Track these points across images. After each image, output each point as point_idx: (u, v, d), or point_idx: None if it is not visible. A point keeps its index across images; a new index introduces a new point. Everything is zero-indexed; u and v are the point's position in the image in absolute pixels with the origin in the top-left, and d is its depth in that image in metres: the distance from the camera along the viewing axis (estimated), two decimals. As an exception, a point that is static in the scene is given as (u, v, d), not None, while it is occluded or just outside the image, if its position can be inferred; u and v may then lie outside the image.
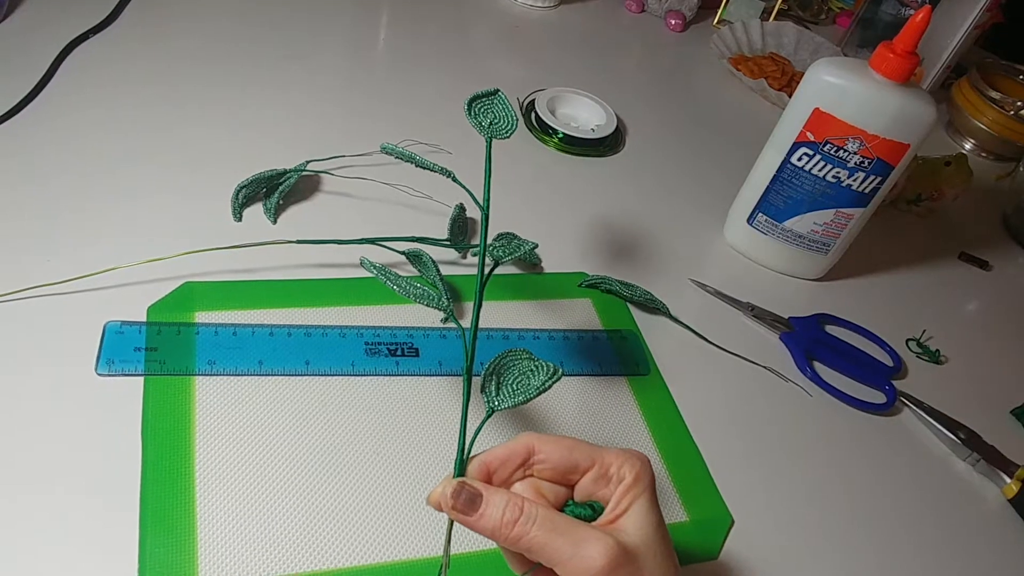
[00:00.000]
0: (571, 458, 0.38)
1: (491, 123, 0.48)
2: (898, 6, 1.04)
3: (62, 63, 0.70)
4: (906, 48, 0.59)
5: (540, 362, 0.42)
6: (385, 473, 0.49)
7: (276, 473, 0.47)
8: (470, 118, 0.47)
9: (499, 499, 0.37)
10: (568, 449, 0.38)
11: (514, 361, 0.42)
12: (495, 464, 0.39)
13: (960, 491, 0.60)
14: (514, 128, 0.48)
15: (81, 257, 0.55)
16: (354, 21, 0.89)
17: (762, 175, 0.69)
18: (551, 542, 0.35)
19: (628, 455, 0.38)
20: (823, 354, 0.66)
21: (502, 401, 0.41)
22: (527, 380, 0.41)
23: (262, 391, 0.51)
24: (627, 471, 0.38)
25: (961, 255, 0.83)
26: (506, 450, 0.39)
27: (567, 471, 0.38)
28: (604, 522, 0.37)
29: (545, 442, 0.39)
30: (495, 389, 0.41)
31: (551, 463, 0.38)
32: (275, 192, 0.63)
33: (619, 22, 1.04)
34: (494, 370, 0.41)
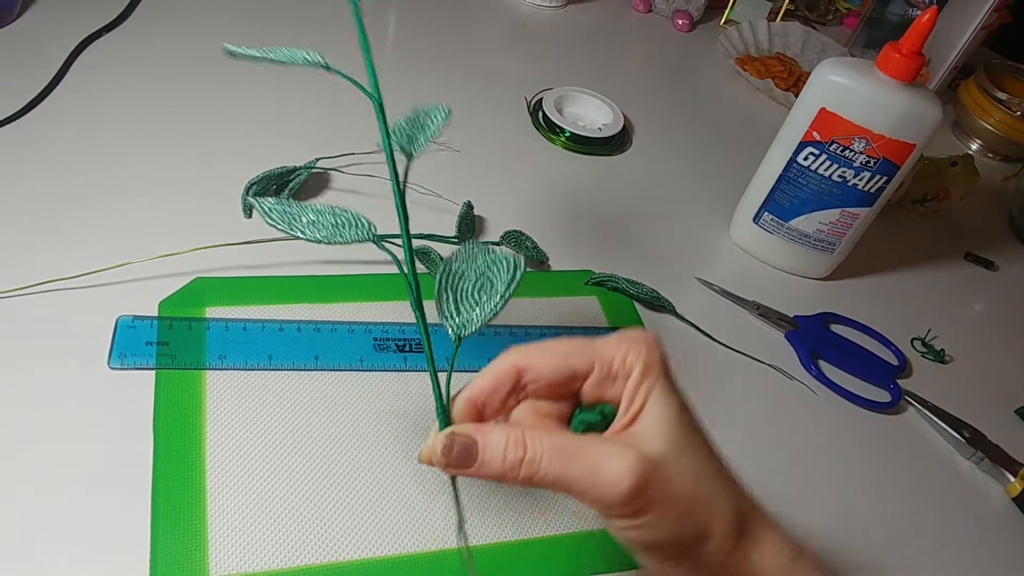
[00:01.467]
0: (566, 366, 0.33)
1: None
2: (905, 6, 1.04)
3: (75, 61, 0.71)
4: (912, 48, 0.59)
5: (496, 252, 0.35)
6: (395, 467, 0.49)
7: (286, 467, 0.48)
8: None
9: (496, 440, 0.32)
10: (561, 356, 0.33)
11: (467, 263, 0.35)
12: (481, 397, 0.33)
13: (964, 490, 0.60)
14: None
15: (93, 252, 0.55)
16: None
17: (768, 174, 0.69)
18: (565, 474, 0.31)
19: (630, 341, 0.33)
20: (828, 353, 0.66)
21: (468, 321, 0.34)
22: (489, 285, 0.35)
23: (272, 386, 0.52)
24: (633, 361, 0.32)
25: (967, 255, 0.83)
26: (491, 378, 0.33)
27: (565, 382, 0.33)
28: (619, 427, 0.33)
29: (532, 356, 0.33)
30: (453, 307, 0.34)
31: (545, 379, 0.33)
32: (285, 189, 0.63)
33: (626, 22, 1.04)
34: (445, 283, 0.34)
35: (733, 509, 0.33)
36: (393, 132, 0.38)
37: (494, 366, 0.33)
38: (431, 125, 0.39)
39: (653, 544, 0.32)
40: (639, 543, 0.33)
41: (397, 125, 0.39)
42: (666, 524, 0.31)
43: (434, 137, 0.38)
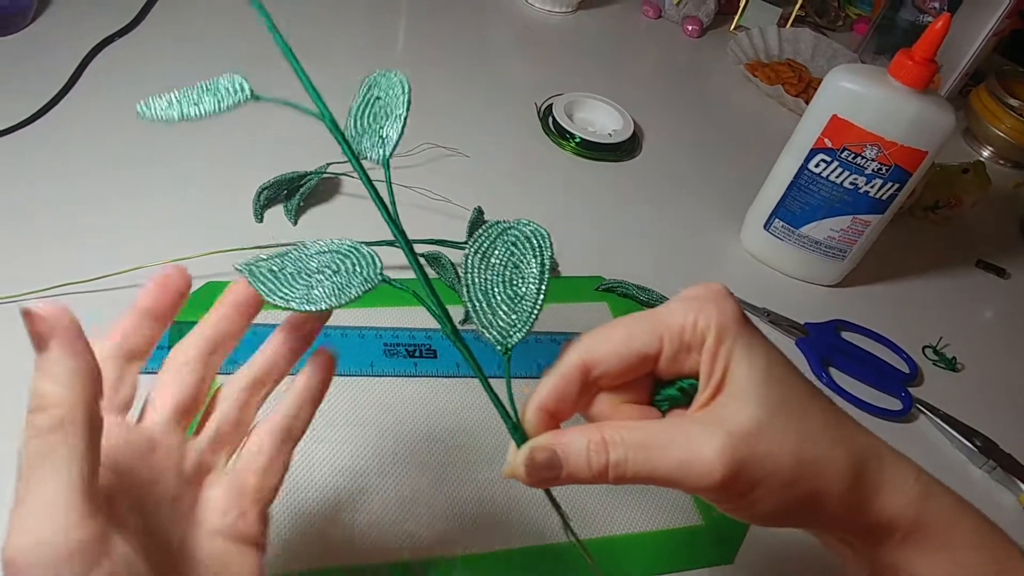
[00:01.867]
0: (631, 352, 0.30)
1: None
2: (916, 12, 1.04)
3: (88, 65, 0.71)
4: (925, 56, 0.59)
5: (515, 229, 0.32)
6: (404, 471, 0.49)
7: (295, 472, 0.48)
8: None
9: (576, 448, 0.29)
10: (624, 343, 0.30)
11: (488, 255, 0.32)
12: (552, 403, 0.31)
13: (976, 499, 0.59)
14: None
15: (107, 256, 0.55)
16: (373, 25, 0.90)
17: (779, 181, 0.69)
18: (655, 471, 0.29)
19: (696, 303, 0.30)
20: (839, 360, 0.66)
21: (512, 326, 0.31)
22: (516, 271, 0.31)
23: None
24: (704, 326, 0.29)
25: (978, 263, 0.82)
26: (557, 381, 0.31)
27: (635, 368, 0.31)
28: (704, 401, 0.30)
29: (594, 349, 0.30)
30: (487, 310, 0.31)
31: (613, 371, 0.30)
32: (296, 194, 0.63)
33: (636, 27, 1.04)
34: (473, 285, 0.31)
35: (847, 461, 0.30)
36: (353, 138, 0.33)
37: (559, 367, 0.31)
38: (394, 106, 0.34)
39: (763, 517, 0.30)
40: (749, 519, 0.31)
41: (354, 126, 0.34)
42: (773, 497, 0.29)
43: (403, 119, 0.33)
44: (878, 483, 0.31)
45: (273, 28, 0.33)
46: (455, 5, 0.96)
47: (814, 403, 0.30)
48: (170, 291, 0.33)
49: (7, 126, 0.63)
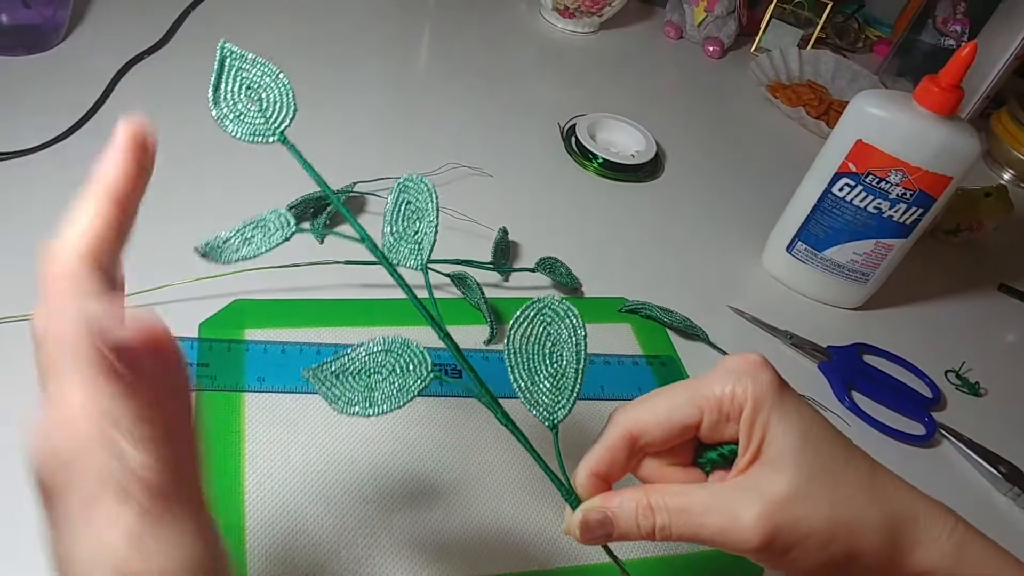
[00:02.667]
0: (674, 424, 0.33)
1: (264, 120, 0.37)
2: (937, 35, 1.04)
3: (119, 82, 0.72)
4: (952, 82, 0.59)
5: (551, 307, 0.34)
6: (428, 492, 0.50)
7: (323, 490, 0.48)
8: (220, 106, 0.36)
9: (626, 512, 0.32)
10: (666, 417, 0.33)
11: (526, 334, 0.34)
12: (602, 469, 0.33)
13: (1002, 526, 0.59)
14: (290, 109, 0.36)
15: (135, 273, 0.56)
16: (397, 45, 0.91)
17: (802, 204, 0.69)
18: (697, 534, 0.31)
19: (733, 375, 0.32)
20: (862, 384, 0.65)
21: (558, 404, 0.33)
22: (554, 348, 0.33)
23: (309, 409, 0.52)
24: (741, 397, 0.31)
25: (1001, 287, 0.82)
26: (606, 450, 0.33)
27: (677, 436, 0.33)
28: (743, 466, 0.32)
29: (638, 420, 0.33)
30: (534, 391, 0.33)
31: (658, 440, 0.33)
32: (323, 212, 0.64)
33: (658, 48, 1.05)
34: (517, 366, 0.33)
35: (881, 520, 0.32)
36: (391, 245, 0.36)
37: (607, 437, 0.33)
38: (425, 210, 0.36)
39: (803, 573, 0.32)
40: (791, 575, 0.33)
41: (390, 232, 0.36)
42: (810, 557, 0.31)
43: (435, 226, 0.36)
44: (914, 539, 0.32)
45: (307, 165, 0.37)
46: (478, 25, 0.97)
47: (850, 464, 0.32)
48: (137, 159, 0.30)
49: (39, 143, 0.64)
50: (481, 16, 0.99)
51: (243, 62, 0.35)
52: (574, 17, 0.99)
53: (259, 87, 0.35)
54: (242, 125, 0.35)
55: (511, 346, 0.34)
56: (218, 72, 0.35)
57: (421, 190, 0.37)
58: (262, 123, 0.35)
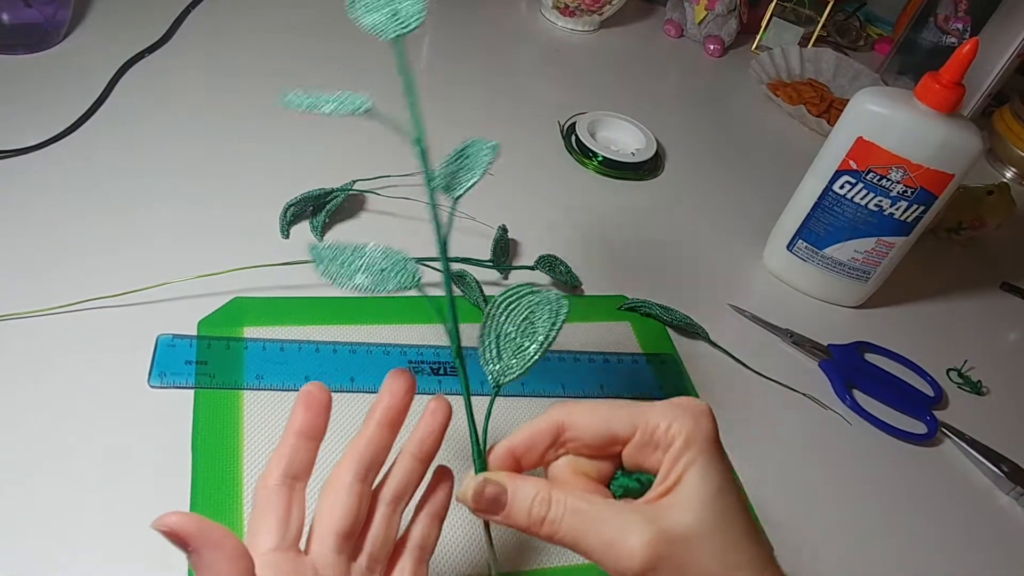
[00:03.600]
0: (607, 429, 0.32)
1: (393, 15, 0.38)
2: (939, 33, 1.03)
3: (119, 81, 0.72)
4: (952, 79, 0.59)
5: (542, 293, 0.35)
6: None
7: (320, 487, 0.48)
8: (363, 14, 0.37)
9: (525, 494, 0.32)
10: (602, 419, 0.33)
11: (511, 305, 0.35)
12: (521, 448, 0.34)
13: (1003, 525, 0.59)
14: (422, 15, 0.37)
15: (135, 271, 0.56)
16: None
17: (803, 202, 0.69)
18: (581, 540, 0.31)
19: (677, 410, 0.32)
20: (863, 382, 0.65)
21: (507, 368, 0.34)
22: (531, 328, 0.35)
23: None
24: (676, 432, 0.31)
25: (1003, 285, 0.82)
26: (532, 431, 0.34)
27: (605, 444, 0.33)
28: (653, 497, 0.32)
29: (576, 414, 0.33)
30: (495, 353, 0.35)
31: (585, 438, 0.33)
32: (322, 211, 0.64)
33: (658, 46, 1.04)
34: (490, 327, 0.35)
35: None
36: (437, 175, 0.38)
37: (537, 420, 0.34)
38: (478, 165, 0.38)
39: None
40: None
41: (442, 167, 0.38)
42: None
43: (479, 178, 0.38)
44: None
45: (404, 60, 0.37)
46: (478, 23, 0.97)
47: (751, 542, 0.31)
48: (315, 408, 0.36)
49: (40, 140, 0.64)
50: (482, 14, 0.99)
51: None
52: (574, 15, 0.99)
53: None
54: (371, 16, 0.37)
55: (494, 308, 0.35)
56: None
57: (483, 148, 0.39)
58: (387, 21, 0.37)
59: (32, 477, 0.45)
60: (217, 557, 0.29)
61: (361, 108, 0.38)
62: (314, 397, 0.36)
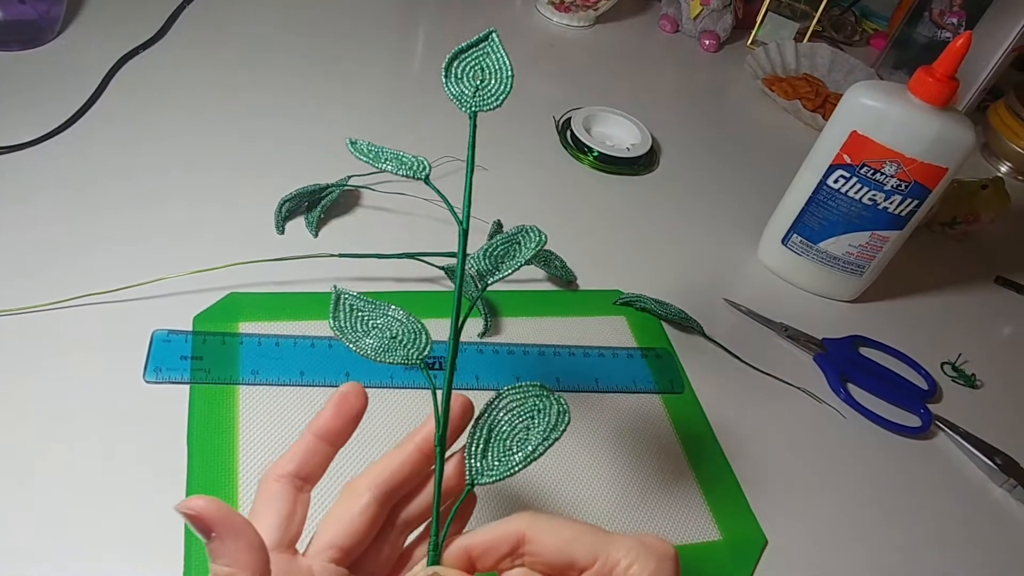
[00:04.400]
0: (567, 553, 0.31)
1: (478, 88, 0.37)
2: (934, 28, 1.04)
3: (113, 77, 0.72)
4: (946, 73, 0.59)
5: (550, 398, 0.34)
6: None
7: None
8: (449, 84, 0.37)
9: None
10: (565, 542, 0.31)
11: (516, 401, 0.34)
12: (477, 550, 0.32)
13: (997, 517, 0.59)
14: (507, 89, 0.37)
15: (130, 267, 0.56)
16: (393, 39, 0.91)
17: (798, 196, 0.69)
18: None
19: (642, 550, 0.31)
20: (857, 376, 0.65)
21: (487, 470, 0.33)
22: (525, 434, 0.34)
23: (303, 401, 0.52)
24: (636, 573, 0.30)
25: (997, 279, 0.82)
26: (492, 535, 0.32)
27: (563, 567, 0.31)
28: None
29: (540, 529, 0.32)
30: (481, 448, 0.34)
31: (543, 556, 0.31)
32: (317, 206, 0.64)
33: (654, 42, 1.04)
34: (487, 418, 0.34)
35: None
36: (477, 257, 0.38)
37: (499, 526, 0.32)
38: (519, 252, 0.37)
39: None
40: None
41: (483, 250, 0.38)
42: None
43: (517, 267, 0.37)
44: None
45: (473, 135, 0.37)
46: (474, 18, 0.97)
47: None
48: (345, 416, 0.34)
49: (34, 137, 0.64)
50: (477, 10, 0.99)
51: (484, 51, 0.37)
52: (570, 11, 0.99)
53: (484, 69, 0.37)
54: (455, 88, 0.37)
55: (497, 400, 0.34)
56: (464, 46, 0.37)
57: (531, 238, 0.38)
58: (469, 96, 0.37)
59: (28, 474, 0.45)
60: (238, 546, 0.29)
61: (420, 174, 0.38)
62: (348, 403, 0.34)
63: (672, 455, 0.56)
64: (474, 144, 0.36)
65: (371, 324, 0.36)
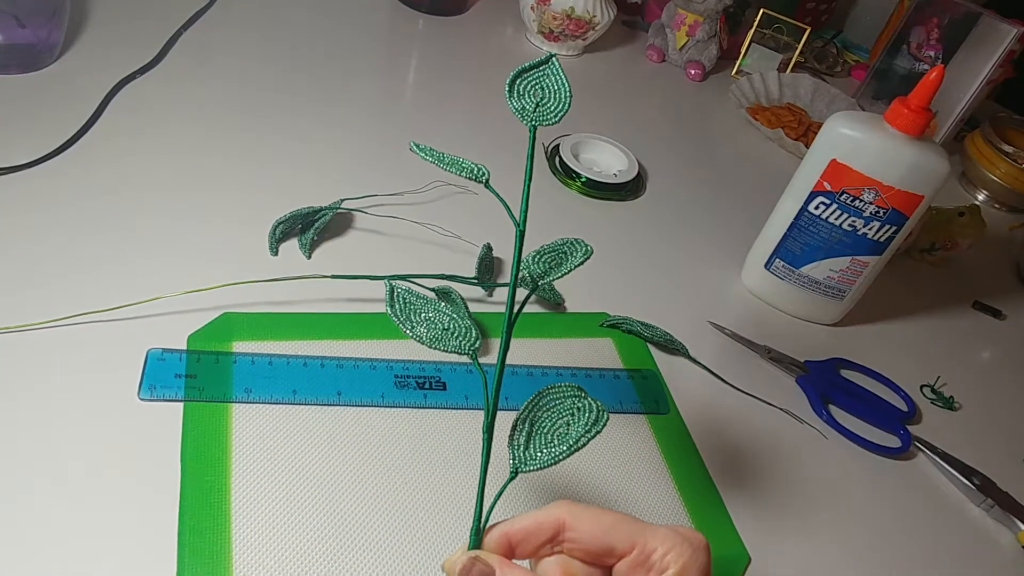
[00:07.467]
0: (606, 539, 0.32)
1: (538, 105, 0.38)
2: (912, 60, 1.07)
3: (110, 101, 0.73)
4: (920, 104, 0.61)
5: (587, 400, 0.36)
6: (411, 502, 0.50)
7: (307, 499, 0.49)
8: (512, 100, 0.38)
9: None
10: (604, 529, 0.33)
11: (555, 401, 0.36)
12: (518, 536, 0.33)
13: (975, 536, 0.60)
14: (566, 108, 0.38)
15: (126, 286, 0.57)
16: (386, 66, 0.92)
17: (780, 222, 0.71)
18: None
19: (678, 539, 0.32)
20: (839, 398, 0.67)
21: (530, 459, 0.35)
22: (565, 429, 0.35)
23: (295, 420, 0.53)
24: (672, 560, 0.32)
25: (975, 304, 0.84)
26: (533, 522, 0.33)
27: (601, 553, 0.33)
28: None
29: (579, 517, 0.33)
30: (524, 440, 0.35)
31: (582, 543, 0.33)
32: (310, 228, 0.65)
33: (640, 71, 1.07)
34: (528, 414, 0.35)
35: None
36: (528, 261, 0.39)
37: (539, 513, 0.33)
38: (567, 263, 0.39)
39: None
40: None
41: (534, 255, 0.40)
42: None
43: (564, 275, 0.39)
44: None
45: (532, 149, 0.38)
46: (465, 47, 0.99)
47: None
48: None
49: (33, 159, 0.65)
50: (468, 39, 1.01)
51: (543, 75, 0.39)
52: (559, 41, 1.02)
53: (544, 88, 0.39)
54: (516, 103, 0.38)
55: (538, 398, 0.36)
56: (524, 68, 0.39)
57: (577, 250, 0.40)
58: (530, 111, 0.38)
59: (22, 490, 0.45)
60: None
61: (480, 177, 0.40)
62: None
63: (658, 474, 0.57)
64: (533, 153, 0.38)
65: (423, 316, 0.38)
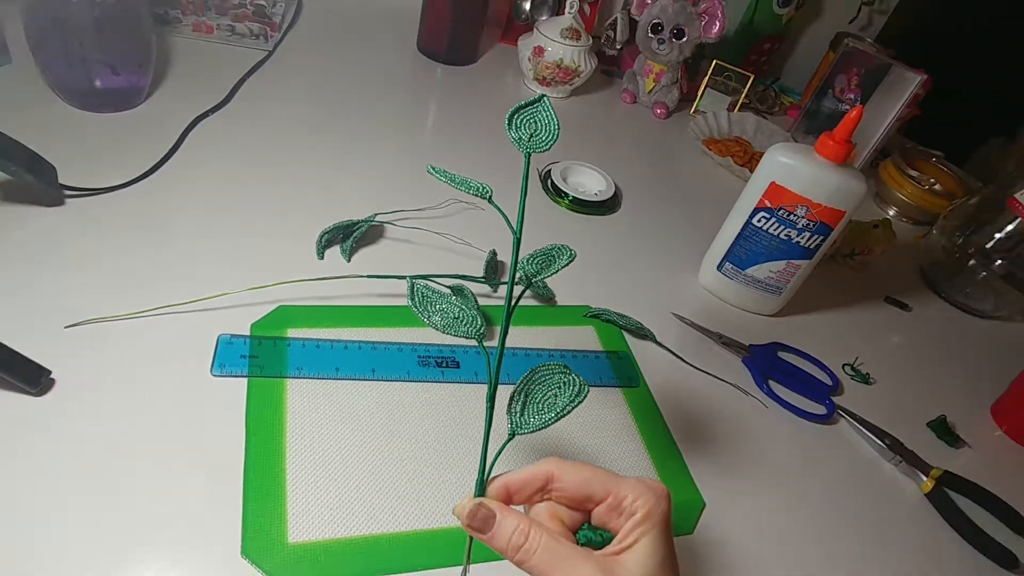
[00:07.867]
0: (587, 488, 0.33)
1: (532, 135, 0.38)
2: (836, 101, 1.06)
3: (187, 135, 0.73)
4: (843, 137, 0.61)
5: (571, 376, 0.36)
6: (429, 458, 0.50)
7: (348, 457, 0.49)
8: (510, 131, 0.38)
9: (510, 523, 0.33)
10: (585, 480, 0.33)
11: (546, 376, 0.36)
12: (515, 486, 0.34)
13: (886, 487, 0.61)
14: (555, 138, 0.38)
15: (200, 284, 0.57)
16: (410, 106, 0.92)
17: (729, 233, 0.71)
18: (547, 571, 0.32)
19: (644, 489, 0.33)
20: (777, 375, 0.67)
21: (525, 423, 0.35)
22: (554, 399, 0.35)
23: (338, 392, 0.53)
24: (640, 505, 0.32)
25: (886, 298, 0.84)
26: (527, 474, 0.34)
27: (582, 500, 0.34)
28: (608, 553, 0.32)
29: (565, 470, 0.34)
30: (520, 408, 0.35)
31: (567, 492, 0.34)
32: (350, 237, 0.65)
33: (616, 110, 1.07)
34: (524, 387, 0.35)
35: None
36: (523, 262, 0.39)
37: (532, 467, 0.34)
38: (555, 264, 0.40)
39: None
40: None
41: (528, 257, 0.40)
42: None
43: (553, 274, 0.39)
44: None
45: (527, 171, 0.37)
46: (474, 91, 0.99)
47: None
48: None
49: (123, 181, 0.65)
50: (477, 84, 1.01)
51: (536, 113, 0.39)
52: (550, 85, 1.01)
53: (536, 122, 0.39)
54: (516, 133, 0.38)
55: (532, 374, 0.36)
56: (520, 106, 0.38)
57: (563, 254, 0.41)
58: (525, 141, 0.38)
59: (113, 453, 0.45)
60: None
61: (484, 194, 0.39)
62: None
63: (630, 436, 0.57)
64: (528, 175, 0.37)
65: (437, 307, 0.37)
